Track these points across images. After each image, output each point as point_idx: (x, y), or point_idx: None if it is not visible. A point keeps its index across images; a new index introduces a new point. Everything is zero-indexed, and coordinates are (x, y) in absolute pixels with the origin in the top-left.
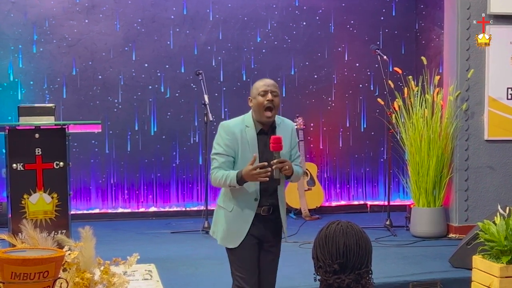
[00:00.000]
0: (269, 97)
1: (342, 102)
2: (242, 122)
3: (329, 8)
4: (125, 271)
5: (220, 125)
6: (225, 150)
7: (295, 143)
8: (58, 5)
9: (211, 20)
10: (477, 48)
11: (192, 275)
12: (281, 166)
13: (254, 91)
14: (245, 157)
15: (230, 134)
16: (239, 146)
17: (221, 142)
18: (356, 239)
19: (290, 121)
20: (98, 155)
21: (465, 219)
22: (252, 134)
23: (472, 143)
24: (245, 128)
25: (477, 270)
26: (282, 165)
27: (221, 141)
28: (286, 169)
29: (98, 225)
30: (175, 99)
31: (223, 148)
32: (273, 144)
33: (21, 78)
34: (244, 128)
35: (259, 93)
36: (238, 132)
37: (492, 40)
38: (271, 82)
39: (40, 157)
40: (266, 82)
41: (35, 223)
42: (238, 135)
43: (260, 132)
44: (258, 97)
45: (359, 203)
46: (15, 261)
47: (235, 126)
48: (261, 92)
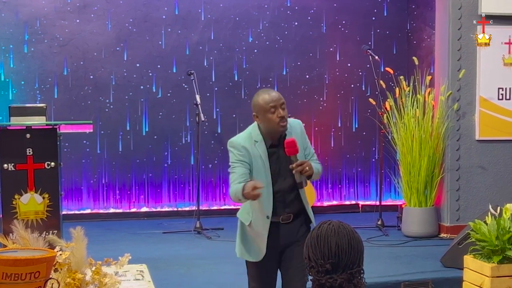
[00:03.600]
0: (280, 113)
1: (333, 102)
2: (249, 137)
3: (321, 8)
4: (116, 272)
5: (229, 144)
6: (241, 163)
7: (307, 141)
8: (50, 5)
9: (203, 20)
10: (469, 48)
11: (184, 275)
12: (301, 168)
13: (261, 108)
14: (258, 172)
15: (242, 150)
16: (252, 160)
17: (235, 158)
18: (348, 239)
19: (296, 120)
20: (90, 155)
21: (456, 218)
22: (263, 149)
23: (463, 143)
24: (254, 143)
25: (469, 269)
26: (302, 167)
27: (235, 157)
28: (307, 170)
29: (90, 226)
30: (167, 99)
31: (239, 162)
32: (288, 149)
33: (12, 78)
34: (253, 143)
35: (268, 110)
36: (248, 147)
37: None
38: (277, 95)
39: (31, 157)
40: (273, 97)
41: (26, 223)
42: (249, 150)
43: (271, 146)
44: (268, 114)
45: (350, 203)
46: (6, 261)
47: (244, 141)
48: (271, 110)
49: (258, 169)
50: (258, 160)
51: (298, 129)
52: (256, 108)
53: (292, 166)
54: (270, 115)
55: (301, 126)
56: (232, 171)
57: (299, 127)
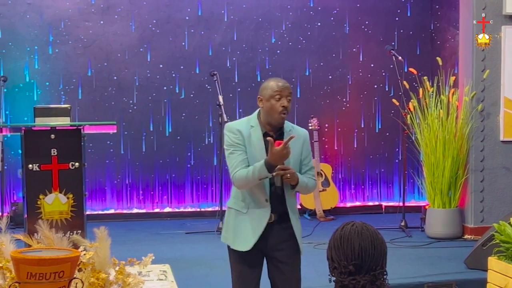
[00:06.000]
0: (284, 103)
1: (357, 102)
2: (247, 122)
3: (344, 8)
4: (140, 271)
5: (225, 127)
6: (238, 147)
7: (307, 153)
8: (74, 6)
9: (225, 21)
10: (493, 48)
11: (206, 276)
12: (283, 173)
13: (267, 92)
14: (253, 156)
15: (237, 132)
16: (246, 145)
17: (230, 141)
18: (371, 240)
19: (303, 130)
20: (113, 155)
21: (480, 220)
22: (258, 134)
23: (487, 144)
24: (250, 127)
25: (493, 271)
26: (283, 172)
27: (230, 140)
28: (288, 177)
29: (113, 226)
30: (189, 100)
31: (234, 146)
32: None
33: (37, 79)
34: (250, 127)
35: (273, 96)
36: (244, 131)
37: (508, 41)
38: (285, 84)
39: (55, 157)
40: (280, 84)
41: (50, 223)
42: (244, 133)
43: (266, 134)
44: (272, 100)
45: (373, 204)
46: (30, 261)
47: (240, 125)
48: (276, 96)
49: (253, 152)
50: (253, 144)
51: (301, 138)
52: (263, 91)
53: (276, 168)
54: (274, 101)
55: (305, 136)
56: (229, 156)
57: (303, 137)
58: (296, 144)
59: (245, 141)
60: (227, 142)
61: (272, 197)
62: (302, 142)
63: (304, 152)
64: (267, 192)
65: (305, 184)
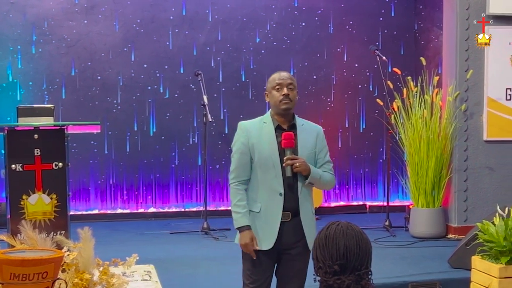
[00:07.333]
0: (284, 91)
1: (341, 102)
2: (260, 120)
3: (328, 8)
4: (124, 272)
5: (238, 125)
6: (240, 149)
7: (322, 147)
8: (57, 6)
9: (210, 21)
10: (476, 48)
11: (191, 276)
12: (292, 163)
13: (270, 85)
14: (261, 153)
15: (245, 131)
16: (254, 141)
17: (235, 139)
18: (356, 240)
19: (316, 125)
20: (97, 155)
21: (464, 219)
22: (270, 128)
23: (471, 144)
24: (263, 124)
25: (476, 270)
26: (292, 162)
27: (235, 138)
28: (297, 166)
29: (97, 226)
30: (174, 99)
31: (237, 145)
32: (284, 140)
33: (20, 78)
34: (262, 124)
35: (275, 87)
36: (254, 129)
37: (492, 41)
38: (286, 74)
39: (39, 157)
40: (281, 75)
41: (34, 223)
42: (254, 131)
43: (278, 127)
44: (274, 91)
45: (358, 203)
46: (14, 261)
47: (251, 123)
48: (277, 86)
49: (262, 148)
50: (263, 140)
51: (313, 131)
52: (267, 85)
53: (284, 158)
54: (275, 92)
55: (318, 130)
56: (231, 158)
57: (316, 131)
58: (308, 137)
59: (252, 138)
60: (234, 140)
61: (286, 192)
62: (316, 136)
63: (319, 146)
64: (281, 186)
65: (319, 175)
